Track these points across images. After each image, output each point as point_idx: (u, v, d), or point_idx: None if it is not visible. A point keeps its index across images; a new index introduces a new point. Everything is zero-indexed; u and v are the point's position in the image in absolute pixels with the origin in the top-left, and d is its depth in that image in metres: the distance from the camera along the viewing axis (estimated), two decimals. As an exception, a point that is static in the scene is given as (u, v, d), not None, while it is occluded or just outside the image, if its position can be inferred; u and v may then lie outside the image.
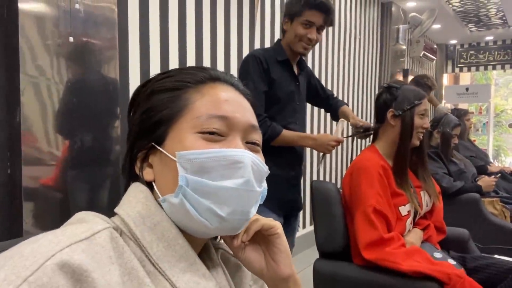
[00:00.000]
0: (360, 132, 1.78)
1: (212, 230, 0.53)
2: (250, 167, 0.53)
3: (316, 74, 3.63)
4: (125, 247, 0.48)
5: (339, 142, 1.69)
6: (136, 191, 0.55)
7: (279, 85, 1.71)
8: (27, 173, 1.39)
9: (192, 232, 0.54)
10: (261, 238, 0.60)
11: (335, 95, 2.09)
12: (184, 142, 0.52)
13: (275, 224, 0.59)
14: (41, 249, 0.40)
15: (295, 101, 1.79)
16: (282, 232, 0.60)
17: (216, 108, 0.54)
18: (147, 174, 0.56)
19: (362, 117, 4.63)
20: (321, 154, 1.79)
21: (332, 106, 2.02)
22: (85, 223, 0.48)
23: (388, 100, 1.57)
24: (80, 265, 0.40)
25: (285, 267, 0.59)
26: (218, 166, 0.51)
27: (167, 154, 0.53)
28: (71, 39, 1.47)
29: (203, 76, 0.57)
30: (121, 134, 1.67)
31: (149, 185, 0.56)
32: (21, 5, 1.36)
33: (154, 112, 0.56)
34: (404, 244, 1.42)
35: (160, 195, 0.54)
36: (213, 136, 0.53)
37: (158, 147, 0.54)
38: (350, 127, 1.92)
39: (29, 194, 1.40)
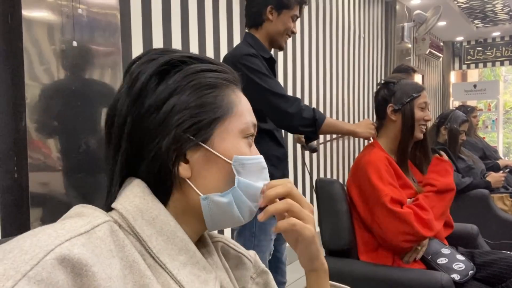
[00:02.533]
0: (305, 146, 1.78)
1: (241, 224, 0.58)
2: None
3: (321, 73, 3.63)
4: (125, 240, 0.48)
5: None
6: (133, 185, 0.54)
7: None
8: (34, 178, 1.41)
9: (217, 226, 0.58)
10: None
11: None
12: (238, 147, 0.57)
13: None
14: (40, 243, 0.40)
15: None
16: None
17: (250, 114, 0.59)
18: (184, 170, 0.54)
19: (368, 117, 4.61)
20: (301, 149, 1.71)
21: None
22: (85, 217, 0.47)
23: (386, 95, 1.57)
24: (79, 259, 0.40)
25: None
26: (256, 170, 0.58)
27: (222, 157, 0.55)
28: (74, 43, 1.49)
29: (232, 78, 0.59)
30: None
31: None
32: (25, 11, 1.38)
33: (207, 110, 0.54)
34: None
35: (199, 193, 0.54)
36: (250, 141, 0.59)
37: (210, 149, 0.54)
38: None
39: (36, 199, 1.41)
